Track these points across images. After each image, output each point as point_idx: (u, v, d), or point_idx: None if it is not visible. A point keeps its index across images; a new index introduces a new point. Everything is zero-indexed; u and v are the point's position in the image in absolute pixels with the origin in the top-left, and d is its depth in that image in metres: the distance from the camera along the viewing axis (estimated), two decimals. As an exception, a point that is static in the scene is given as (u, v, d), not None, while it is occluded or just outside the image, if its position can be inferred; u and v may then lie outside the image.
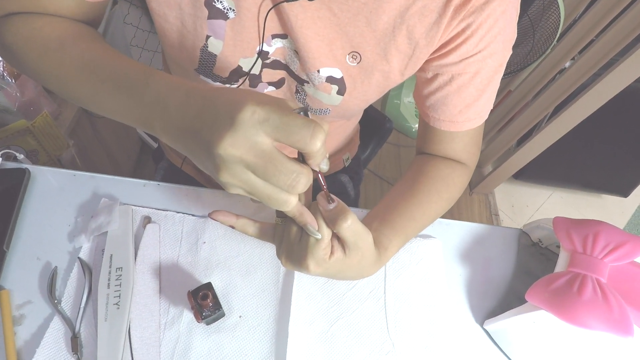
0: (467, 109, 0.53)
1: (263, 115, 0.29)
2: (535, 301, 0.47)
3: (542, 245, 0.62)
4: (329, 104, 0.54)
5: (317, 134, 0.29)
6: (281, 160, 0.30)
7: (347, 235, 0.38)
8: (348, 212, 0.37)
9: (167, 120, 0.34)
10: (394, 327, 0.53)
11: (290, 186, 0.30)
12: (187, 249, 0.55)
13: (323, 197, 0.37)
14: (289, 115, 0.29)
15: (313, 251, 0.38)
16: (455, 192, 0.58)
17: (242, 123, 0.29)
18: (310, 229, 0.37)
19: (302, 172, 0.30)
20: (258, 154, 0.29)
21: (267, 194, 0.31)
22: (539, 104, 1.58)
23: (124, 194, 0.58)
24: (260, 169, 0.30)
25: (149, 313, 0.49)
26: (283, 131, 0.29)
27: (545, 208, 1.94)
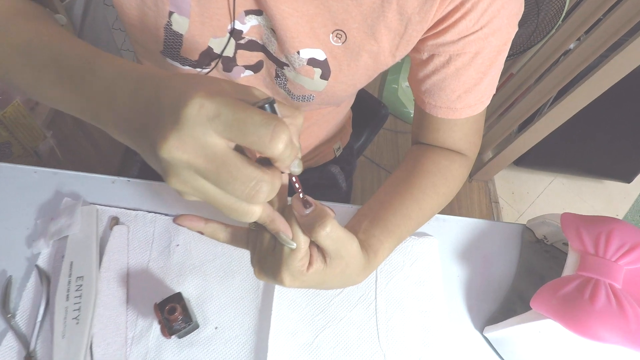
0: (466, 94, 0.48)
1: (213, 110, 0.23)
2: (542, 309, 0.43)
3: (548, 243, 0.57)
4: (312, 90, 0.48)
5: (278, 133, 0.23)
6: (236, 164, 0.24)
7: (326, 243, 0.33)
8: (327, 217, 0.32)
9: (116, 114, 0.29)
10: (385, 336, 0.49)
11: (249, 195, 0.25)
12: (158, 253, 0.50)
13: (297, 200, 0.32)
14: (245, 111, 0.23)
15: (288, 262, 0.33)
16: (454, 186, 0.53)
17: (187, 120, 0.23)
18: (284, 237, 0.32)
19: (262, 179, 0.25)
20: (209, 158, 0.24)
21: (225, 204, 0.26)
22: (542, 87, 1.52)
23: (90, 192, 0.53)
24: (211, 175, 0.24)
25: (114, 326, 0.44)
26: (237, 130, 0.23)
27: (546, 195, 1.90)
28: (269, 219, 0.31)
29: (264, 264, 0.35)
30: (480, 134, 0.55)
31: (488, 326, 0.50)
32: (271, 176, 0.25)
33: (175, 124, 0.24)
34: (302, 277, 0.34)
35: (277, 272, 0.34)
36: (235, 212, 0.27)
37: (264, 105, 0.25)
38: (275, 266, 0.34)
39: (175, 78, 0.27)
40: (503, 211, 1.79)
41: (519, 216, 1.79)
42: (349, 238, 0.35)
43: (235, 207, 0.26)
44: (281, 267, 0.33)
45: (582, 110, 1.38)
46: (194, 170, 0.25)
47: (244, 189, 0.25)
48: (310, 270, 0.34)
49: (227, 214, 0.27)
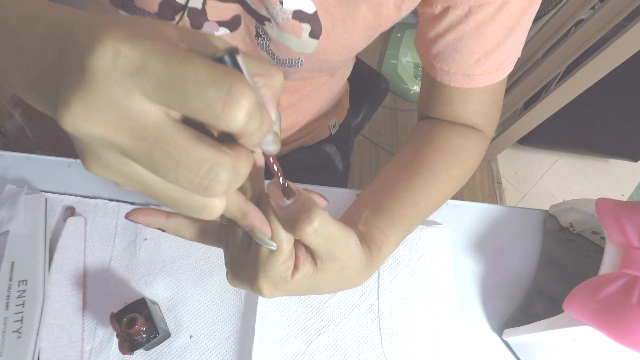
0: (487, 56, 0.39)
1: (135, 60, 0.15)
2: (577, 314, 0.36)
3: (574, 231, 0.50)
4: (300, 52, 0.40)
5: (234, 96, 0.16)
6: (177, 142, 0.16)
7: (315, 243, 0.25)
8: (313, 210, 0.24)
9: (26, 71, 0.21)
10: (390, 342, 0.42)
11: (201, 186, 0.17)
12: (122, 249, 0.42)
13: (275, 187, 0.24)
14: (185, 62, 0.15)
15: (266, 267, 0.26)
16: (468, 168, 0.45)
17: (95, 76, 0.15)
18: (260, 236, 0.24)
19: (219, 162, 0.17)
20: (135, 133, 0.16)
21: (170, 197, 0.18)
22: (550, 61, 1.43)
23: (40, 178, 0.45)
24: (143, 158, 0.17)
25: (67, 339, 0.37)
26: (172, 91, 0.15)
27: (550, 174, 1.83)
28: (240, 212, 0.23)
29: (238, 268, 0.28)
30: (499, 107, 0.47)
31: (508, 329, 0.43)
32: (234, 158, 0.17)
33: (80, 82, 0.16)
34: (286, 285, 0.27)
35: (254, 279, 0.26)
36: (187, 208, 0.19)
37: (222, 58, 0.17)
38: (251, 271, 0.26)
39: (95, 18, 0.19)
40: (506, 192, 1.73)
41: (522, 197, 1.73)
42: (344, 234, 0.27)
43: (185, 201, 0.19)
44: (258, 273, 0.26)
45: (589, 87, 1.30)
46: (119, 150, 0.17)
47: (193, 177, 0.17)
48: (297, 276, 0.27)
49: (178, 209, 0.19)
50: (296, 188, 0.25)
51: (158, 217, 0.29)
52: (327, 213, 0.25)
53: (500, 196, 1.67)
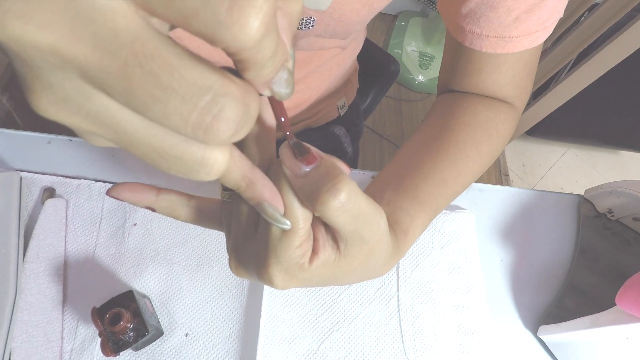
0: (528, 14, 0.34)
1: None
2: (634, 309, 0.31)
3: (612, 218, 0.45)
4: (313, 9, 0.35)
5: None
6: (170, 58, 0.11)
7: (341, 221, 0.20)
8: (340, 178, 0.18)
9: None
10: (411, 340, 0.37)
11: (199, 125, 0.12)
12: (109, 235, 0.37)
13: (290, 150, 0.19)
14: None
15: (279, 252, 0.20)
16: (498, 145, 0.40)
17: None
18: (270, 211, 0.19)
19: (226, 90, 0.12)
20: (102, 41, 0.11)
21: (156, 145, 0.13)
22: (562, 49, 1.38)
23: (15, 155, 0.40)
24: (114, 81, 0.11)
25: (44, 337, 0.32)
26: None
27: (558, 166, 1.79)
28: (245, 180, 0.18)
29: (243, 254, 0.23)
30: (532, 78, 0.42)
31: (543, 325, 0.39)
32: (243, 90, 0.12)
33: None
34: (302, 274, 0.21)
35: (263, 267, 0.21)
36: (180, 162, 0.14)
37: None
38: (259, 257, 0.21)
39: None
40: (513, 184, 1.68)
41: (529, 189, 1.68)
42: (376, 212, 0.21)
43: (179, 152, 0.13)
44: (268, 260, 0.21)
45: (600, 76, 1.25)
46: (78, 73, 0.12)
47: (189, 111, 0.12)
48: (315, 263, 0.22)
49: (167, 167, 0.14)
50: (316, 151, 0.19)
51: (146, 194, 0.24)
52: (355, 184, 0.20)
53: (508, 189, 1.63)
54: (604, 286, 0.43)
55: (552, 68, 1.48)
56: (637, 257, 0.44)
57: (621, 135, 1.70)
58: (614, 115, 1.62)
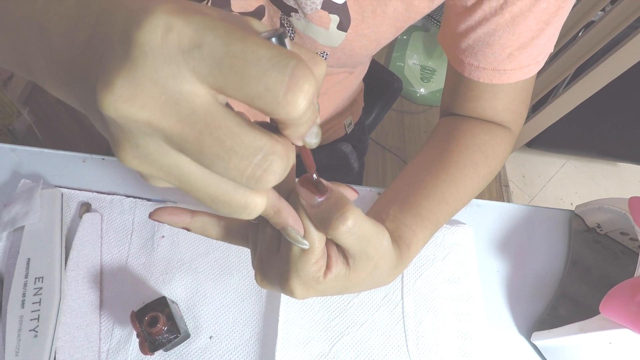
0: (520, 51, 0.38)
1: (189, 36, 0.14)
2: (616, 316, 0.34)
3: (601, 232, 0.49)
4: (327, 45, 0.39)
5: (298, 81, 0.14)
6: (231, 128, 0.15)
7: (349, 242, 0.24)
8: (348, 208, 0.23)
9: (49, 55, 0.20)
10: (415, 344, 0.41)
11: (253, 177, 0.16)
12: (139, 246, 0.41)
13: (307, 184, 0.23)
14: (245, 40, 0.14)
15: (299, 267, 0.24)
16: (495, 166, 0.44)
17: (144, 53, 0.14)
18: (293, 234, 0.23)
19: (273, 150, 0.16)
20: (183, 117, 0.15)
21: (212, 193, 0.17)
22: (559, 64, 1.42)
23: (55, 173, 0.44)
24: (190, 145, 0.15)
25: (85, 338, 0.35)
26: (231, 72, 0.14)
27: (558, 178, 1.82)
28: (274, 209, 0.22)
29: (268, 269, 0.26)
30: (527, 103, 0.46)
31: (537, 332, 0.42)
32: (285, 147, 0.16)
33: (124, 60, 0.14)
34: (318, 286, 0.25)
35: (285, 280, 0.25)
36: (226, 207, 0.17)
37: (271, 38, 0.16)
38: (282, 272, 0.25)
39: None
40: (513, 195, 1.71)
41: (529, 200, 1.71)
42: (378, 232, 0.26)
43: (228, 198, 0.17)
44: (290, 274, 0.25)
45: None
46: (162, 138, 0.15)
47: (245, 166, 0.15)
48: (329, 277, 0.25)
49: (216, 208, 0.18)
50: (328, 185, 0.24)
51: (183, 216, 0.28)
52: (360, 210, 0.24)
53: (508, 199, 1.66)
54: (594, 295, 0.46)
55: (551, 82, 1.52)
56: (625, 268, 0.48)
57: (619, 148, 1.73)
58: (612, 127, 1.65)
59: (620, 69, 1.21)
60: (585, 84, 1.30)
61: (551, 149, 1.78)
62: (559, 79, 1.48)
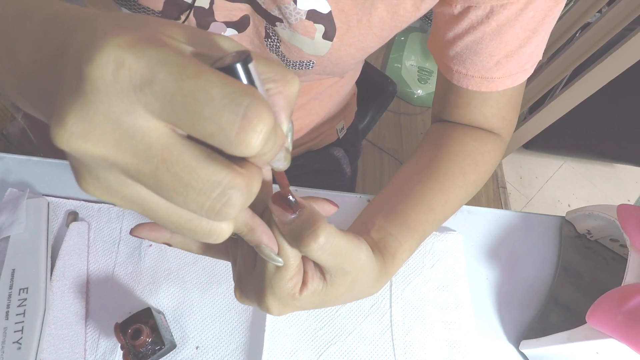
0: (508, 59, 0.38)
1: (140, 71, 0.14)
2: (602, 326, 0.34)
3: (591, 238, 0.49)
4: (312, 54, 0.39)
5: (251, 121, 0.14)
6: (187, 163, 0.15)
7: (322, 259, 0.24)
8: (319, 225, 0.22)
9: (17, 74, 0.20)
10: (403, 353, 0.40)
11: (212, 210, 0.15)
12: (127, 256, 0.41)
13: (279, 201, 0.23)
14: (197, 77, 0.14)
15: (273, 284, 0.24)
16: (485, 173, 0.44)
17: (95, 89, 0.14)
18: (267, 251, 0.23)
19: (233, 184, 0.15)
20: (140, 153, 0.15)
21: (175, 222, 0.17)
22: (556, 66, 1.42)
23: (42, 181, 0.44)
24: (147, 180, 0.15)
25: (70, 349, 0.35)
26: (182, 111, 0.14)
27: (555, 179, 1.82)
28: (247, 227, 0.22)
29: (246, 285, 0.26)
30: (517, 110, 0.46)
31: (525, 340, 0.42)
32: (247, 178, 0.16)
33: (77, 96, 0.14)
34: (294, 302, 0.25)
35: (261, 297, 0.25)
36: (192, 233, 0.17)
37: (232, 66, 0.15)
38: (258, 289, 0.25)
39: (96, 17, 0.17)
40: (511, 197, 1.71)
41: (527, 202, 1.71)
42: (354, 247, 0.25)
43: (192, 226, 0.17)
44: (265, 291, 0.25)
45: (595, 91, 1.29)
46: (120, 172, 0.15)
47: (204, 201, 0.15)
48: (305, 293, 0.25)
49: (182, 235, 0.18)
50: (301, 201, 0.23)
51: (163, 232, 0.28)
52: (333, 227, 0.24)
53: (505, 201, 1.66)
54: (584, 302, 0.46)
55: (548, 83, 1.52)
56: (615, 275, 0.48)
57: (616, 149, 1.73)
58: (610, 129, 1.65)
59: (617, 71, 1.21)
60: (583, 85, 1.30)
61: (548, 151, 1.78)
62: (556, 80, 1.48)
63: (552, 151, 1.78)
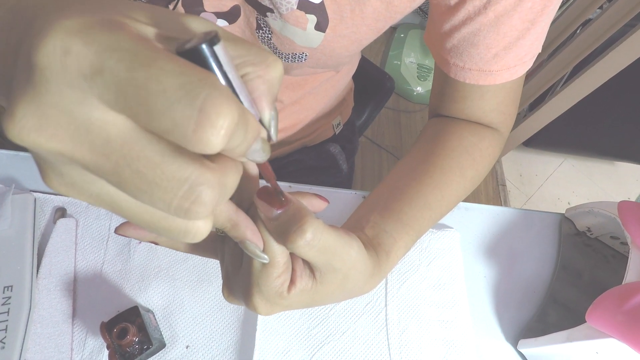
0: (506, 51, 0.37)
1: (89, 60, 0.13)
2: (602, 326, 0.33)
3: (592, 236, 0.48)
4: (305, 46, 0.38)
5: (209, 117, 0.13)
6: (149, 158, 0.14)
7: (310, 255, 0.23)
8: (306, 220, 0.21)
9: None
10: (398, 353, 0.40)
11: (180, 209, 0.14)
12: (115, 253, 0.40)
13: (264, 196, 0.22)
14: (149, 66, 0.12)
15: (260, 283, 0.23)
16: (483, 168, 0.43)
17: (44, 79, 0.13)
18: (252, 248, 0.22)
19: (201, 179, 0.14)
20: (97, 147, 0.14)
21: (147, 219, 0.16)
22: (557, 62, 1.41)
23: (29, 176, 0.43)
24: (109, 177, 0.14)
25: (55, 348, 0.34)
26: (135, 104, 0.13)
27: (555, 177, 1.81)
28: (230, 222, 0.21)
29: (233, 284, 0.25)
30: (516, 104, 0.45)
31: (523, 339, 0.41)
32: (218, 173, 0.15)
33: (27, 86, 0.13)
34: (283, 301, 0.24)
35: (248, 296, 0.24)
36: (166, 232, 0.16)
37: (196, 48, 0.14)
38: (245, 287, 0.24)
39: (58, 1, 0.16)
40: (510, 194, 1.70)
41: (526, 199, 1.70)
42: (343, 243, 0.24)
43: (166, 224, 0.16)
44: (252, 289, 0.24)
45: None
46: (82, 167, 0.14)
47: (170, 199, 0.14)
48: (294, 291, 0.24)
49: (157, 234, 0.17)
50: (287, 195, 0.22)
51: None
52: (321, 222, 0.22)
53: (505, 199, 1.65)
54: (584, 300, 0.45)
55: (548, 80, 1.51)
56: (616, 273, 0.47)
57: (617, 147, 1.72)
58: (610, 126, 1.64)
59: (617, 67, 1.20)
60: (583, 82, 1.29)
61: (548, 148, 1.77)
62: (556, 77, 1.47)
63: (552, 148, 1.77)
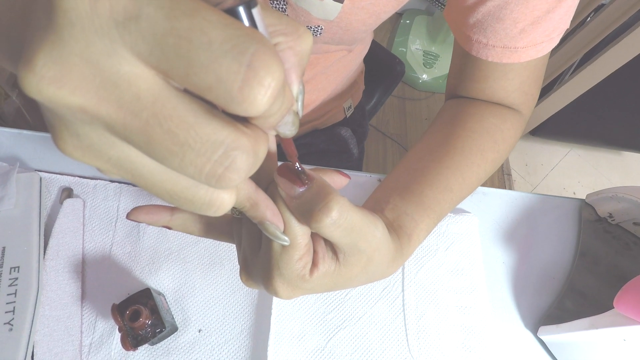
0: (533, 26, 0.35)
1: (124, 4, 0.11)
2: (631, 312, 0.32)
3: (613, 222, 0.46)
4: (321, 18, 0.36)
5: (258, 73, 0.11)
6: (186, 117, 0.12)
7: (335, 236, 0.21)
8: (331, 198, 0.20)
9: None
10: (416, 339, 0.39)
11: (213, 176, 0.13)
12: (125, 234, 0.39)
13: (285, 173, 0.20)
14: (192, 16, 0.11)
15: (281, 266, 0.22)
16: (504, 151, 0.41)
17: (69, 23, 0.11)
18: (271, 229, 0.20)
19: (238, 144, 0.13)
20: (125, 104, 0.12)
21: (168, 190, 0.14)
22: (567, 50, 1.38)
23: (34, 156, 0.41)
24: (136, 137, 0.13)
25: (65, 331, 0.33)
26: (174, 56, 0.11)
27: (561, 167, 1.80)
28: (250, 202, 0.19)
29: (252, 267, 0.24)
30: (539, 84, 0.43)
31: (543, 326, 0.40)
32: (253, 139, 0.13)
33: (47, 32, 0.11)
34: (305, 284, 0.23)
35: (268, 280, 0.23)
36: (188, 204, 0.15)
37: (234, 9, 0.12)
38: (264, 271, 0.23)
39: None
40: (516, 184, 1.69)
41: (532, 189, 1.69)
42: (369, 223, 0.23)
43: (189, 195, 0.15)
44: (272, 272, 0.22)
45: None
46: (104, 127, 0.13)
47: (203, 163, 0.13)
48: (316, 274, 0.23)
49: (177, 205, 0.16)
50: (310, 172, 0.21)
51: (162, 214, 0.25)
52: (347, 200, 0.21)
53: (510, 188, 1.64)
54: (603, 288, 0.44)
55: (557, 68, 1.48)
56: (637, 260, 0.46)
57: (624, 137, 1.70)
58: (618, 116, 1.62)
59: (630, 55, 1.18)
60: (593, 70, 1.26)
61: (555, 137, 1.75)
62: (566, 65, 1.45)
63: (558, 138, 1.75)
